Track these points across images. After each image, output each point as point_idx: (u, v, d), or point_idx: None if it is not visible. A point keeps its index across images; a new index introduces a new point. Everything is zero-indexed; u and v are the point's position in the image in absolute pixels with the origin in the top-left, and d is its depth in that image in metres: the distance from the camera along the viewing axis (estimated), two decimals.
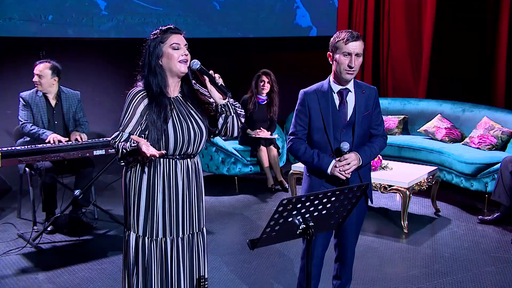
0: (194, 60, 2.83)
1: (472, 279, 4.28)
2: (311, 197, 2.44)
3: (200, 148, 2.92)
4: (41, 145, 4.79)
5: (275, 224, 2.44)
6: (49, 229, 5.03)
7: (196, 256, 2.99)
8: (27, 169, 5.10)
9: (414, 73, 8.44)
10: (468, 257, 4.68)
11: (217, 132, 2.95)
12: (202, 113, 2.92)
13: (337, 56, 3.14)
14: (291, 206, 2.39)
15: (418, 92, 8.20)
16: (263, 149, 6.42)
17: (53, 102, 5.24)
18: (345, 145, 3.14)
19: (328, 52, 3.20)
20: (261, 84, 6.54)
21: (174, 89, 2.89)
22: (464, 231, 5.29)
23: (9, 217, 5.49)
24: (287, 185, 6.38)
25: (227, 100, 2.85)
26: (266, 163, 6.42)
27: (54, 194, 5.14)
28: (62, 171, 5.15)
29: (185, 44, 2.84)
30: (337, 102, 3.23)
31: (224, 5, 8.79)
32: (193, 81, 2.97)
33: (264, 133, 6.47)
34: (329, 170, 3.16)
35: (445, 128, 6.69)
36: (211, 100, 2.90)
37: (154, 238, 2.88)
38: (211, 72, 2.83)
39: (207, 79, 2.82)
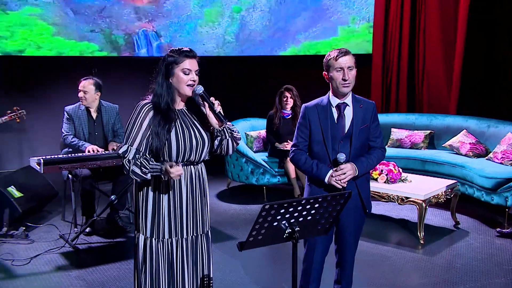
0: (198, 86, 2.92)
1: None
2: (294, 203, 2.50)
3: (202, 156, 3.01)
4: (80, 154, 5.01)
5: (260, 228, 2.51)
6: (87, 230, 5.24)
7: (200, 257, 3.08)
8: (70, 176, 5.33)
9: (449, 89, 8.31)
10: (479, 269, 4.59)
11: (212, 150, 3.05)
12: (205, 125, 3.02)
13: (331, 73, 3.21)
14: (273, 211, 2.46)
15: (449, 108, 8.07)
16: (289, 161, 6.47)
17: (94, 115, 5.47)
18: (342, 156, 3.19)
19: (324, 72, 3.27)
20: (284, 99, 6.65)
21: (179, 103, 3.00)
22: (480, 243, 5.18)
23: (54, 219, 5.74)
24: None
25: (223, 126, 2.95)
26: (293, 174, 6.47)
27: (93, 199, 5.36)
28: (100, 178, 5.36)
29: (196, 70, 2.93)
30: (335, 115, 3.29)
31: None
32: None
33: (290, 146, 6.52)
34: (326, 180, 3.21)
35: (470, 143, 6.57)
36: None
37: (161, 239, 2.98)
38: (212, 99, 2.92)
39: (206, 105, 2.91)
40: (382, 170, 5.56)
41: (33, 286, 4.23)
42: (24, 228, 5.31)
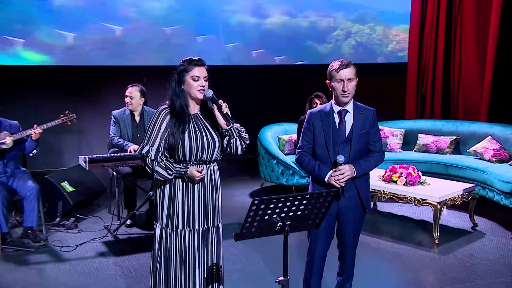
0: (208, 90, 3.11)
1: (483, 287, 4.18)
2: (282, 199, 2.63)
3: (214, 156, 3.19)
4: (122, 153, 5.30)
5: (253, 221, 2.65)
6: (128, 223, 5.53)
7: (210, 247, 3.26)
8: (114, 173, 5.64)
9: (481, 97, 8.17)
10: (488, 268, 4.58)
11: (223, 150, 3.22)
12: (217, 129, 3.20)
13: (333, 83, 3.32)
14: (263, 206, 2.60)
15: (480, 115, 7.93)
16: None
17: (137, 119, 5.75)
18: (341, 158, 3.30)
19: (327, 81, 3.38)
20: (314, 106, 6.70)
21: (193, 108, 3.20)
22: (494, 245, 5.14)
23: (101, 212, 6.07)
24: None
25: (230, 126, 3.11)
26: None
27: (134, 194, 5.65)
28: (140, 175, 5.63)
29: (205, 76, 3.12)
30: (337, 121, 3.39)
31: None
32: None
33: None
34: (326, 179, 3.33)
35: (494, 149, 6.48)
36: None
37: (174, 229, 3.18)
38: (220, 101, 3.10)
39: (215, 107, 3.10)
40: (401, 173, 5.59)
41: (76, 270, 4.54)
42: (74, 219, 5.66)
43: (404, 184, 5.51)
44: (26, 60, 6.90)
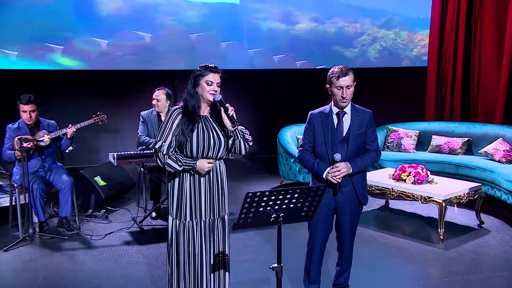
0: (218, 94, 3.28)
1: (481, 280, 4.27)
2: (274, 193, 2.78)
3: (219, 154, 3.35)
4: (147, 151, 5.52)
5: (248, 212, 2.80)
6: (153, 215, 5.76)
7: (216, 237, 3.42)
8: (141, 169, 5.88)
9: (499, 100, 8.09)
10: (488, 262, 4.62)
11: (229, 149, 3.39)
12: (223, 130, 3.36)
13: (332, 89, 3.44)
14: (257, 198, 2.75)
15: (496, 117, 7.87)
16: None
17: (163, 119, 5.95)
18: (337, 156, 3.42)
19: (327, 85, 3.49)
20: None
21: (204, 110, 3.37)
22: (497, 241, 5.15)
23: (130, 205, 6.32)
24: None
25: (235, 128, 3.27)
26: None
27: (159, 188, 5.87)
28: (165, 171, 5.80)
29: (218, 82, 3.30)
30: (335, 122, 3.52)
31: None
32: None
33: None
34: (324, 175, 3.46)
35: (504, 150, 6.45)
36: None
37: (183, 220, 3.36)
38: (227, 105, 3.27)
39: (222, 109, 3.26)
40: (410, 172, 5.64)
41: (103, 256, 4.79)
42: (105, 210, 5.94)
43: (412, 183, 5.56)
44: (64, 65, 7.22)
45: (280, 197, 2.81)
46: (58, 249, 4.95)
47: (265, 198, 2.78)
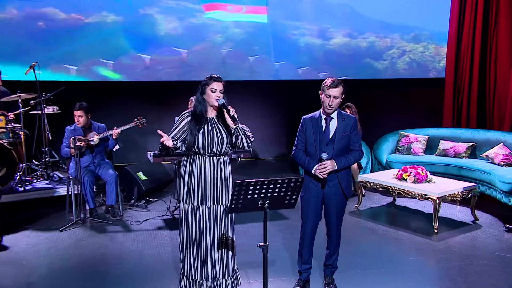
0: (221, 99, 3.62)
1: (460, 267, 4.43)
2: (259, 183, 3.07)
3: (222, 150, 3.67)
4: (178, 150, 5.90)
5: (238, 198, 3.09)
6: None
7: (219, 220, 3.73)
8: (175, 166, 6.28)
9: (507, 109, 8.04)
10: (471, 252, 4.77)
11: (233, 145, 3.70)
12: (227, 130, 3.69)
13: (322, 96, 3.70)
14: (244, 187, 3.05)
15: (504, 124, 7.82)
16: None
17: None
18: (324, 155, 3.69)
19: (320, 91, 3.75)
20: None
21: (210, 113, 3.72)
22: (486, 235, 5.25)
23: (168, 197, 6.73)
24: (364, 191, 6.71)
25: (236, 126, 3.60)
26: None
27: None
28: None
29: (221, 89, 3.65)
30: (323, 125, 3.78)
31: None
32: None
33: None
34: (312, 171, 3.73)
35: (503, 155, 6.48)
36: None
37: (191, 205, 3.71)
38: (229, 107, 3.60)
39: (225, 111, 3.59)
40: (411, 172, 5.78)
41: (138, 238, 5.23)
42: (145, 201, 6.40)
43: (412, 182, 5.72)
44: (113, 77, 7.77)
45: (265, 186, 3.10)
46: (103, 231, 5.42)
47: (251, 187, 3.07)
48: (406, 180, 5.78)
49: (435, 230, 5.32)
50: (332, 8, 8.68)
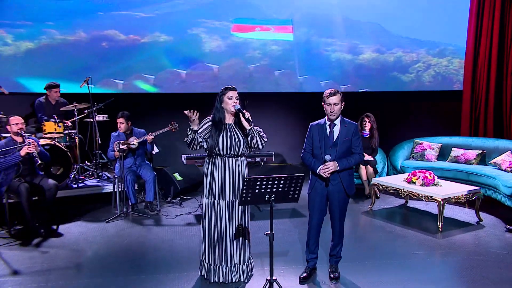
0: (237, 105, 3.92)
1: (457, 261, 4.55)
2: (264, 179, 3.35)
3: (240, 151, 3.97)
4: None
5: (247, 192, 3.39)
6: None
7: (236, 213, 4.01)
8: None
9: None
10: (469, 248, 4.86)
11: (249, 146, 3.98)
12: (243, 134, 3.98)
13: (324, 105, 3.95)
14: (252, 183, 3.33)
15: None
16: (362, 167, 7.00)
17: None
18: (327, 157, 3.93)
19: (322, 103, 3.99)
20: (364, 123, 7.14)
21: (228, 119, 4.03)
22: (486, 234, 5.31)
23: (200, 195, 7.05)
24: (379, 193, 6.84)
25: (250, 128, 3.88)
26: (364, 177, 6.97)
27: None
28: None
29: (236, 97, 3.95)
30: (328, 131, 4.02)
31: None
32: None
33: (365, 157, 7.04)
34: (317, 171, 3.96)
35: (510, 161, 6.50)
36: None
37: (212, 200, 4.01)
38: (244, 111, 3.89)
39: (241, 115, 3.89)
40: (419, 176, 5.89)
41: (171, 230, 5.58)
42: (180, 198, 6.76)
43: (420, 185, 5.82)
44: (153, 89, 8.24)
45: (270, 182, 3.37)
46: (141, 223, 5.81)
47: (258, 183, 3.36)
48: (415, 183, 5.89)
49: (440, 229, 5.41)
50: (362, 26, 8.86)
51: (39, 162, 5.17)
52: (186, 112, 3.83)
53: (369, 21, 8.83)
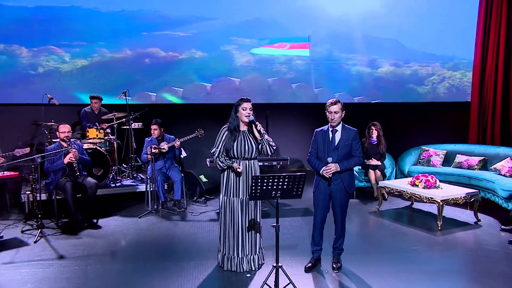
0: (250, 116, 4.18)
1: (450, 255, 4.67)
2: (270, 178, 3.59)
3: (253, 155, 4.23)
4: None
5: (255, 188, 3.63)
6: None
7: (249, 209, 4.27)
8: None
9: None
10: (465, 244, 4.99)
11: (260, 151, 4.24)
12: (255, 140, 4.25)
13: (327, 114, 4.18)
14: (259, 181, 3.57)
15: None
16: (371, 171, 7.13)
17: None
18: (329, 159, 4.16)
19: (325, 110, 4.23)
20: (371, 131, 7.28)
21: (242, 127, 4.30)
22: (482, 232, 5.39)
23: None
24: (387, 196, 6.97)
25: (261, 138, 4.15)
26: (373, 181, 7.09)
27: None
28: None
29: (250, 108, 4.21)
30: (330, 136, 4.24)
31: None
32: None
33: (373, 162, 7.18)
34: (320, 172, 4.19)
35: (509, 167, 6.54)
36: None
37: (228, 197, 4.28)
38: (257, 123, 4.15)
39: (254, 126, 4.16)
40: (422, 180, 6.01)
41: (194, 225, 5.89)
42: (205, 198, 7.06)
43: (423, 187, 5.94)
44: (182, 100, 8.63)
45: (275, 180, 3.61)
46: (169, 219, 6.13)
47: (265, 180, 3.60)
48: (417, 186, 6.02)
49: (439, 228, 5.52)
50: (380, 42, 9.04)
51: (76, 169, 5.62)
52: (235, 165, 4.15)
53: (387, 38, 9.00)
